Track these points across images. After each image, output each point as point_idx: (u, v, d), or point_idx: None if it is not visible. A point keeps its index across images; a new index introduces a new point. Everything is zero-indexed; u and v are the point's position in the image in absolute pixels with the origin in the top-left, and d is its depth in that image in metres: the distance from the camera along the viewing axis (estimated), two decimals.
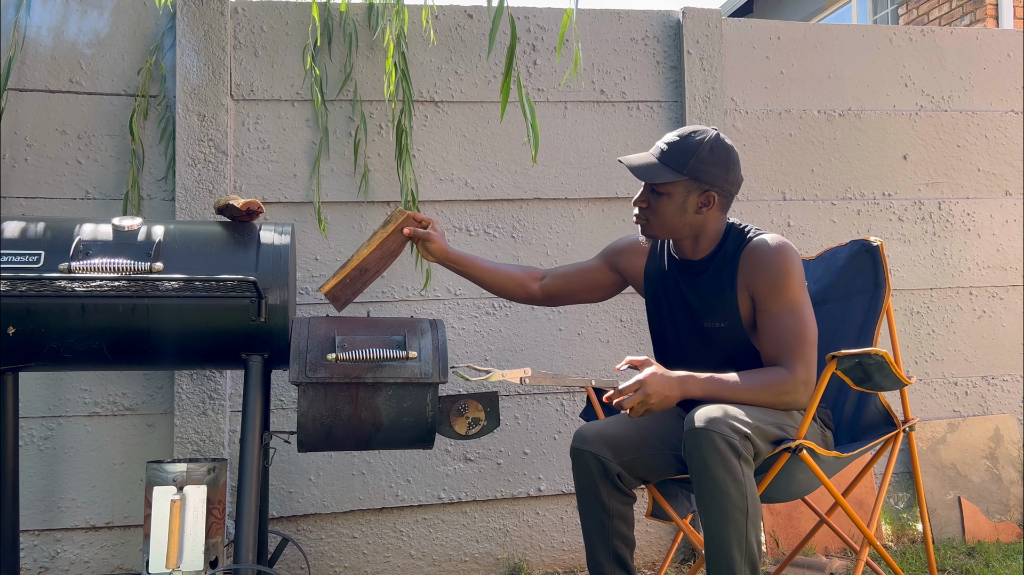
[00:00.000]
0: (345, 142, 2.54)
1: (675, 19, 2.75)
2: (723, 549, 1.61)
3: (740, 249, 1.84)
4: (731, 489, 1.59)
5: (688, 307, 1.91)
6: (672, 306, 1.94)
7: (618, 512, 1.86)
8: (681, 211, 1.82)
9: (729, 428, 1.61)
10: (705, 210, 1.83)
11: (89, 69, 2.43)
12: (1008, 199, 2.98)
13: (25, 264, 1.76)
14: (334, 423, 1.86)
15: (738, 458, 1.61)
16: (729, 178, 1.83)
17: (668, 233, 1.87)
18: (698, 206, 1.83)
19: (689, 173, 1.79)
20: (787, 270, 1.78)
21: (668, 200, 1.82)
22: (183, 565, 1.80)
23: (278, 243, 1.91)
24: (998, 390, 2.94)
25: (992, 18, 6.28)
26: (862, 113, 2.89)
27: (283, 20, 2.52)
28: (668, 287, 1.95)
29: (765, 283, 1.79)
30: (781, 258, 1.79)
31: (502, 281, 2.07)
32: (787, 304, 1.78)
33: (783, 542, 2.66)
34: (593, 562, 1.88)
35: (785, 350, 1.77)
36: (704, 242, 1.88)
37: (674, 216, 1.83)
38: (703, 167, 1.80)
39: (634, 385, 1.70)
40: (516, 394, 2.61)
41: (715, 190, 1.82)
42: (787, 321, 1.77)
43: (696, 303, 1.89)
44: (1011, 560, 2.56)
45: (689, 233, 1.86)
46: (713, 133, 1.83)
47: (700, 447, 1.62)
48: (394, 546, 2.54)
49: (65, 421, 2.38)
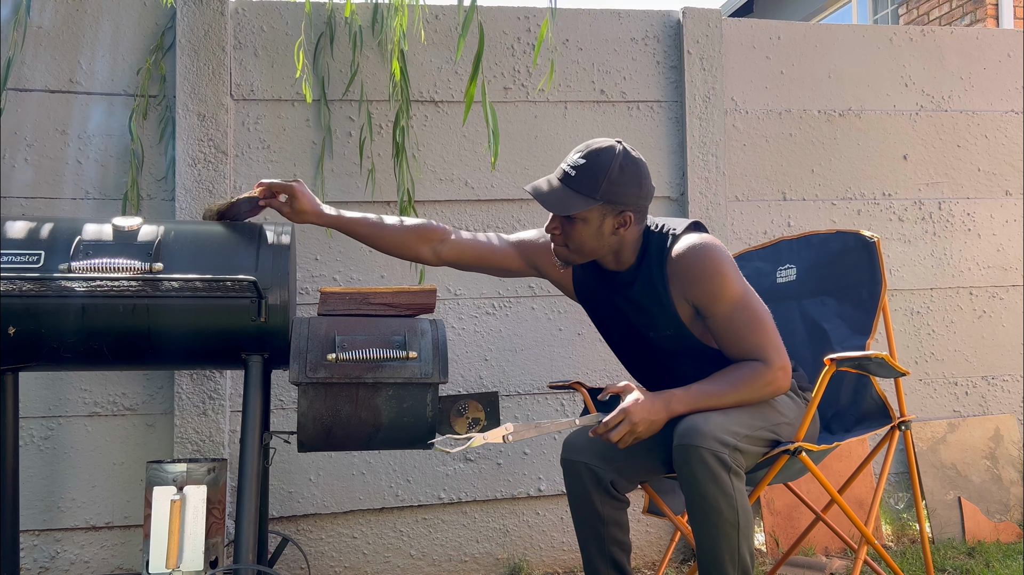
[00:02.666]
0: (346, 142, 2.54)
1: (675, 19, 2.75)
2: (716, 563, 1.61)
3: (664, 255, 1.78)
4: (721, 504, 1.59)
5: (630, 322, 1.86)
6: (615, 320, 1.90)
7: (613, 519, 1.84)
8: (598, 235, 1.75)
9: (717, 442, 1.60)
10: (622, 230, 1.76)
11: (89, 69, 2.43)
12: (1008, 199, 2.98)
13: (25, 264, 1.76)
14: (334, 423, 1.86)
15: (728, 471, 1.60)
16: (643, 194, 1.76)
17: (587, 257, 1.80)
18: (614, 227, 1.75)
19: (603, 198, 1.71)
20: (719, 270, 1.72)
21: (584, 225, 1.74)
22: (183, 565, 1.80)
23: (278, 243, 1.91)
24: (998, 390, 2.94)
25: (992, 18, 6.28)
26: (862, 113, 2.89)
27: (283, 20, 2.52)
28: (604, 302, 1.90)
29: (702, 291, 1.73)
30: (710, 261, 1.72)
31: (389, 239, 1.92)
32: (731, 303, 1.73)
33: (783, 542, 2.66)
34: (590, 569, 1.86)
35: (750, 345, 1.73)
36: (625, 255, 1.82)
37: (591, 240, 1.75)
38: (615, 189, 1.71)
39: (618, 416, 1.66)
40: (516, 394, 2.61)
41: (630, 209, 1.74)
42: (739, 318, 1.73)
43: (636, 317, 1.84)
44: (1011, 560, 2.56)
45: (608, 252, 1.80)
46: (620, 149, 1.74)
47: (689, 463, 1.61)
48: (394, 546, 2.54)
49: (65, 421, 2.38)
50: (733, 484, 1.60)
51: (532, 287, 2.63)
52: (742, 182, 2.78)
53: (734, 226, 2.75)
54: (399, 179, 2.50)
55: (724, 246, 1.77)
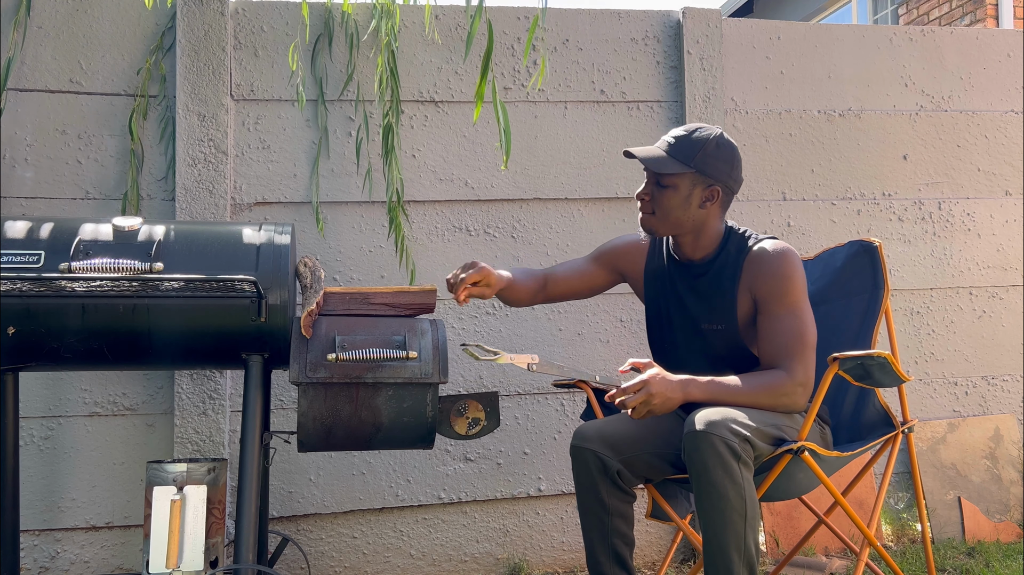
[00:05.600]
0: (344, 142, 2.54)
1: (675, 19, 2.75)
2: (721, 551, 1.61)
3: (743, 253, 1.86)
4: (730, 492, 1.60)
5: (686, 308, 1.92)
6: (670, 307, 1.96)
7: (618, 510, 1.86)
8: (685, 204, 1.84)
9: (729, 431, 1.62)
10: (709, 205, 1.85)
11: (89, 69, 2.43)
12: (1008, 199, 2.98)
13: (25, 264, 1.76)
14: (334, 423, 1.86)
15: (737, 461, 1.61)
16: (733, 175, 1.87)
17: (671, 227, 1.87)
18: (702, 200, 1.85)
19: (695, 166, 1.82)
20: (791, 274, 1.81)
21: (673, 192, 1.84)
22: (183, 565, 1.80)
23: (278, 243, 1.91)
24: (998, 390, 2.94)
25: (992, 18, 6.28)
26: (862, 113, 2.89)
27: (283, 20, 2.52)
28: (667, 288, 1.96)
29: (769, 286, 1.81)
30: (786, 263, 1.81)
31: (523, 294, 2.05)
32: (789, 307, 1.80)
33: (783, 542, 2.66)
34: (592, 560, 1.88)
35: (784, 352, 1.78)
36: (705, 240, 1.89)
37: (678, 209, 1.84)
38: (709, 161, 1.83)
39: (637, 385, 1.71)
40: (516, 394, 2.61)
41: (719, 185, 1.85)
42: (788, 323, 1.79)
43: (695, 305, 1.90)
44: (1011, 560, 2.56)
45: (691, 228, 1.87)
46: (718, 131, 1.86)
47: (700, 450, 1.62)
48: (394, 546, 2.54)
49: (65, 421, 2.38)
50: (742, 473, 1.61)
51: None
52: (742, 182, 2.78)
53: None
54: (388, 179, 2.51)
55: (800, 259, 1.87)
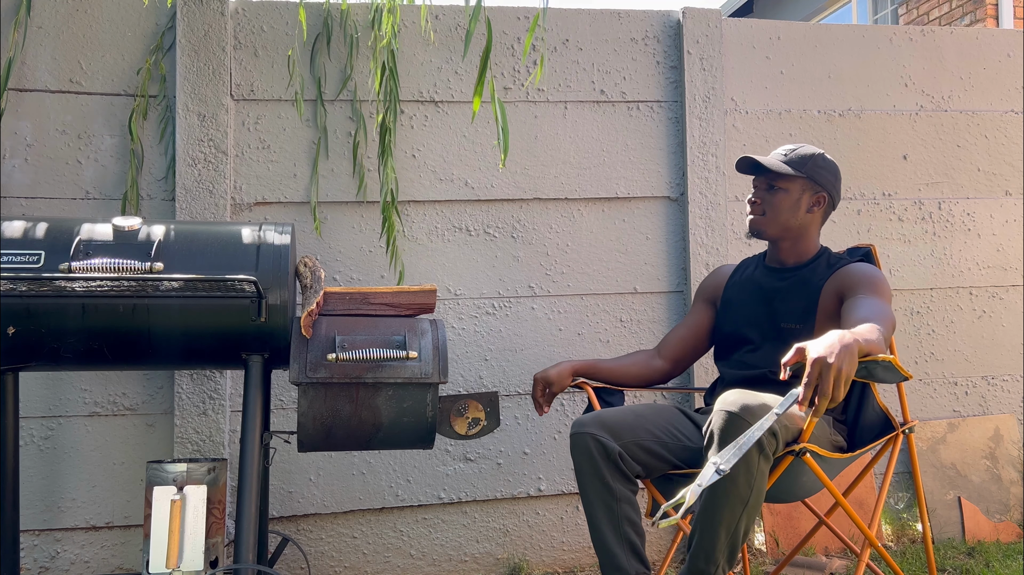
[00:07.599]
0: (345, 142, 2.54)
1: (675, 19, 2.75)
2: (711, 526, 1.60)
3: (836, 266, 1.98)
4: (740, 478, 1.58)
5: (768, 305, 2.02)
6: (751, 302, 2.05)
7: (624, 496, 1.82)
8: (795, 208, 1.99)
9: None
10: (816, 210, 2.00)
11: (89, 69, 2.43)
12: (1008, 199, 2.98)
13: (25, 264, 1.76)
14: (334, 423, 1.86)
15: (760, 452, 1.59)
16: (837, 187, 2.03)
17: (778, 228, 2.00)
18: (809, 205, 2.00)
19: (807, 173, 1.98)
20: (878, 282, 1.90)
21: (784, 196, 1.99)
22: (183, 565, 1.80)
23: (278, 243, 1.91)
24: (998, 390, 2.94)
25: (992, 18, 6.28)
26: (862, 113, 2.89)
27: (283, 20, 2.52)
28: (752, 289, 2.08)
29: (856, 284, 1.90)
30: (876, 275, 1.91)
31: (632, 373, 2.17)
32: (871, 293, 1.86)
33: (783, 542, 2.66)
34: (606, 554, 1.79)
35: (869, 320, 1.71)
36: (802, 247, 2.03)
37: (787, 211, 1.99)
38: (819, 171, 2.00)
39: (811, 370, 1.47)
40: (516, 394, 2.61)
41: (825, 192, 2.01)
42: (869, 303, 1.81)
43: (776, 301, 2.01)
44: (1011, 560, 2.56)
45: (795, 233, 2.01)
46: (821, 151, 2.04)
47: (725, 429, 1.60)
48: (394, 546, 2.54)
49: (65, 421, 2.38)
50: (759, 464, 1.60)
51: (532, 287, 2.63)
52: (742, 182, 2.78)
53: (734, 226, 2.76)
54: (382, 178, 2.51)
55: None
